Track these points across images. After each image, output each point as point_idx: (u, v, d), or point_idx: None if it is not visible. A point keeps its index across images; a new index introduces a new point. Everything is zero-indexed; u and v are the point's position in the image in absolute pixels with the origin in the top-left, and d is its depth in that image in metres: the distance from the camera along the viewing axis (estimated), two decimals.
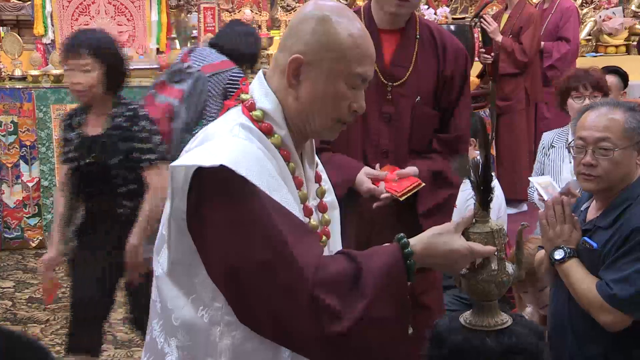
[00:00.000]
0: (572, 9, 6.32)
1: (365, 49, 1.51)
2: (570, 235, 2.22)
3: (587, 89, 3.53)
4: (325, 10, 1.49)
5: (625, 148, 2.16)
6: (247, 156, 1.39)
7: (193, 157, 1.41)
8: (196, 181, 1.38)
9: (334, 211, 1.72)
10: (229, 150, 1.39)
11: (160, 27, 5.89)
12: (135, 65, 5.38)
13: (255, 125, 1.48)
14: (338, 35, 1.47)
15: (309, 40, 1.47)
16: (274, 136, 1.49)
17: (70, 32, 5.61)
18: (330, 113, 1.51)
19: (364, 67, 1.50)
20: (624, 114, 2.18)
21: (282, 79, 1.50)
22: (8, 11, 6.56)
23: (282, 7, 7.66)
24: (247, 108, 1.51)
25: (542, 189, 3.42)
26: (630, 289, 2.06)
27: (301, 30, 1.49)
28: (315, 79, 1.48)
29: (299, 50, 1.47)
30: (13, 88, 5.31)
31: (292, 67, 1.47)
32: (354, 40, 1.48)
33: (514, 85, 5.99)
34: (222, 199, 1.38)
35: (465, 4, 8.10)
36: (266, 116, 1.49)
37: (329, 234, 1.63)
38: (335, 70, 1.48)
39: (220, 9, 7.00)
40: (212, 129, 1.51)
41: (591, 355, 2.17)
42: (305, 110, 1.50)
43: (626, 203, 2.16)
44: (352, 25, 1.50)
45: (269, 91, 1.51)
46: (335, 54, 1.47)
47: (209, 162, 1.35)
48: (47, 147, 5.26)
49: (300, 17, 1.52)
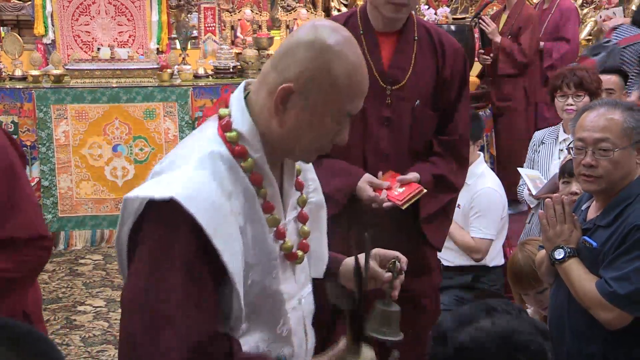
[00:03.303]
0: (572, 9, 6.32)
1: (359, 86, 1.47)
2: (571, 235, 2.23)
3: (570, 88, 3.54)
4: (325, 39, 1.44)
5: (625, 148, 2.16)
6: (202, 194, 1.36)
7: (149, 188, 1.39)
8: (146, 210, 1.37)
9: (320, 212, 1.70)
10: (185, 185, 1.36)
11: (161, 27, 5.89)
12: (135, 65, 5.39)
13: (228, 147, 1.45)
14: (333, 71, 1.42)
15: (303, 69, 1.42)
16: (246, 160, 1.45)
17: (71, 32, 5.64)
18: (312, 143, 1.49)
19: (355, 103, 1.47)
20: (622, 113, 2.18)
21: (268, 100, 1.46)
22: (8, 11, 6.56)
23: (282, 7, 7.66)
24: (223, 128, 1.47)
25: (530, 181, 3.44)
26: (630, 287, 2.06)
27: (297, 55, 1.43)
28: (302, 109, 1.44)
29: (291, 77, 1.43)
30: (13, 88, 5.31)
31: (281, 95, 1.43)
32: (348, 76, 1.44)
33: (513, 86, 5.99)
34: (159, 229, 1.36)
35: (466, 4, 8.10)
36: (241, 138, 1.46)
37: (306, 247, 1.61)
38: (324, 105, 1.44)
39: (221, 9, 7.00)
40: (184, 151, 1.47)
41: (590, 354, 2.18)
42: (287, 137, 1.46)
43: (626, 202, 2.17)
44: (349, 59, 1.44)
45: (246, 111, 1.48)
46: (328, 89, 1.43)
47: (161, 194, 1.33)
48: (47, 147, 5.26)
49: (298, 40, 1.46)
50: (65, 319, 4.12)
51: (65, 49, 5.69)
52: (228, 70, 5.67)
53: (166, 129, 5.39)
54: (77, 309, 4.27)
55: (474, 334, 1.42)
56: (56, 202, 5.31)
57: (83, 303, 4.34)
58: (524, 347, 1.39)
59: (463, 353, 1.41)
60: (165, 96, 5.38)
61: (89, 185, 5.36)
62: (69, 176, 5.31)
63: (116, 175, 5.39)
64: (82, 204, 5.37)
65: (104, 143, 5.35)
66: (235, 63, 5.75)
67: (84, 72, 5.33)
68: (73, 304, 4.34)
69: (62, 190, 5.32)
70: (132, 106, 5.34)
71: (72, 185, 5.33)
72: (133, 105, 5.34)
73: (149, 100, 5.36)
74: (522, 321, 1.46)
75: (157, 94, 5.38)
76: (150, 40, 5.82)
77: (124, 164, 5.39)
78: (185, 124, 5.39)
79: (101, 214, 5.37)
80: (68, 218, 5.34)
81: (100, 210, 5.38)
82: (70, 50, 5.68)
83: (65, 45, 5.70)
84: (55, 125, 5.25)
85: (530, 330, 1.43)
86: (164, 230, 1.35)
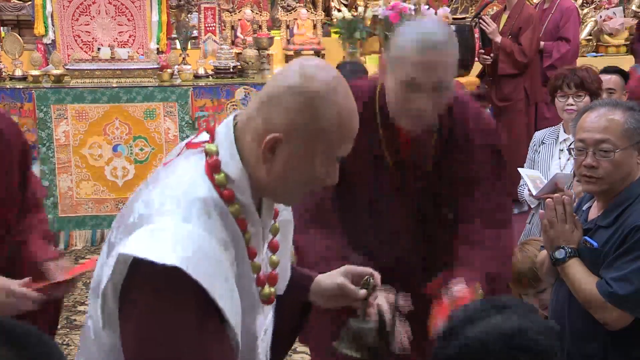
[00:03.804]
0: (572, 8, 6.32)
1: (349, 129, 1.42)
2: (572, 235, 2.22)
3: (571, 88, 3.53)
4: (312, 85, 1.38)
5: (626, 148, 2.15)
6: (205, 256, 1.30)
7: (144, 243, 1.29)
8: (142, 268, 1.28)
9: (287, 226, 1.66)
10: (185, 247, 1.28)
11: (161, 27, 5.89)
12: (135, 65, 5.39)
13: (217, 191, 1.39)
14: (322, 118, 1.37)
15: (293, 119, 1.37)
16: (233, 205, 1.40)
17: (71, 32, 5.64)
18: (301, 188, 1.46)
19: (345, 146, 1.43)
20: (623, 114, 2.17)
21: (255, 147, 1.40)
22: (9, 11, 6.57)
23: (282, 7, 7.66)
24: (211, 167, 1.41)
25: (530, 181, 3.44)
26: (630, 287, 2.06)
27: (283, 103, 1.37)
28: (291, 156, 1.39)
29: (279, 127, 1.37)
30: (13, 88, 5.31)
31: (270, 145, 1.38)
32: (338, 122, 1.39)
33: (513, 86, 5.99)
34: (162, 298, 1.29)
35: (466, 4, 8.10)
36: (230, 182, 1.40)
37: (275, 279, 1.56)
38: (314, 151, 1.40)
39: (221, 9, 7.01)
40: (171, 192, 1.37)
41: (590, 354, 2.18)
42: (275, 183, 1.42)
43: (627, 202, 2.16)
44: (339, 104, 1.39)
45: (235, 153, 1.42)
46: (317, 136, 1.39)
47: (163, 259, 1.25)
48: (47, 147, 5.26)
49: (284, 86, 1.39)
50: (65, 318, 4.12)
51: (65, 49, 5.69)
52: (228, 70, 5.66)
53: (166, 129, 5.39)
54: (77, 309, 4.27)
55: (481, 331, 1.39)
56: (56, 202, 5.31)
57: (83, 303, 4.33)
58: (527, 347, 1.38)
59: (467, 349, 1.40)
60: (166, 96, 5.38)
61: (89, 185, 5.36)
62: (69, 176, 5.31)
63: (116, 175, 5.39)
64: (82, 204, 5.37)
65: (104, 143, 5.35)
66: (236, 63, 5.75)
67: (84, 72, 5.33)
68: (73, 304, 4.34)
69: (62, 190, 5.32)
70: (132, 106, 5.34)
71: (72, 185, 5.33)
72: (133, 105, 5.34)
73: (149, 100, 5.36)
74: (532, 320, 1.42)
75: (157, 94, 5.37)
76: (151, 40, 5.81)
77: (124, 164, 5.39)
78: (185, 124, 5.39)
79: (101, 214, 5.37)
80: (68, 218, 5.34)
81: (101, 211, 5.38)
82: (70, 50, 5.68)
83: (65, 45, 5.70)
84: (56, 125, 5.25)
85: (539, 330, 1.40)
86: (171, 296, 1.29)
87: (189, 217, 1.33)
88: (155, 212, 1.34)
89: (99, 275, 1.42)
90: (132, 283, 1.31)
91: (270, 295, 1.53)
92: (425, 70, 1.98)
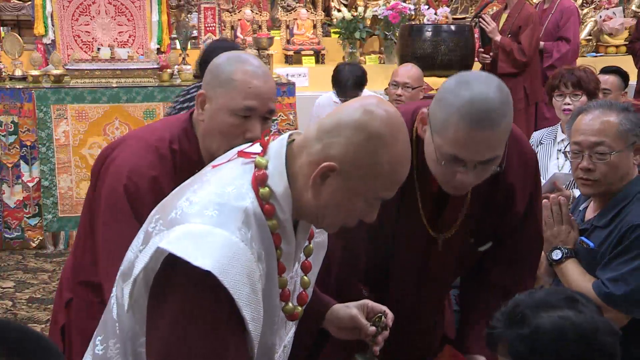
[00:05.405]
0: (572, 8, 6.32)
1: (400, 175, 1.45)
2: (568, 236, 2.23)
3: (568, 87, 3.52)
4: (376, 125, 1.40)
5: (621, 150, 2.15)
6: (238, 265, 1.34)
7: (183, 243, 1.34)
8: (177, 267, 1.33)
9: (320, 251, 1.68)
10: (221, 255, 1.32)
11: (161, 27, 5.89)
12: (135, 65, 5.40)
13: (259, 204, 1.42)
14: (379, 159, 1.40)
15: (351, 152, 1.39)
16: (272, 220, 1.43)
17: (71, 32, 5.64)
18: (340, 220, 1.48)
19: (390, 192, 1.46)
20: (618, 115, 2.17)
21: (306, 170, 1.43)
22: (8, 11, 6.58)
23: (282, 7, 7.67)
24: (257, 179, 1.44)
25: None
26: (626, 288, 2.07)
27: (347, 135, 1.40)
28: (338, 188, 1.42)
29: (336, 156, 1.40)
30: (13, 88, 5.31)
31: (323, 171, 1.40)
32: (392, 167, 1.41)
33: (513, 85, 5.97)
34: (192, 299, 1.34)
35: (466, 4, 8.10)
36: (273, 197, 1.43)
37: (305, 299, 1.59)
38: (360, 190, 1.43)
39: (221, 9, 7.02)
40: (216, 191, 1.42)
41: None
42: (317, 209, 1.45)
43: (623, 202, 2.17)
44: (397, 149, 1.41)
45: (284, 171, 1.45)
46: (369, 176, 1.41)
47: (198, 262, 1.30)
48: (47, 147, 5.26)
49: (348, 119, 1.41)
50: None
51: (65, 49, 5.70)
52: None
53: None
54: None
55: (556, 321, 1.35)
56: (56, 202, 5.32)
57: None
58: (602, 346, 1.36)
59: (540, 336, 1.35)
60: (166, 96, 5.38)
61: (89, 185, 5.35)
62: (69, 176, 5.32)
63: None
64: (82, 204, 5.36)
65: (104, 143, 5.34)
66: None
67: (84, 72, 5.33)
68: None
69: (62, 190, 5.33)
70: (132, 106, 5.34)
71: (72, 185, 5.33)
72: (133, 105, 5.34)
73: (149, 100, 5.36)
74: (603, 320, 1.41)
75: (157, 94, 5.38)
76: (151, 41, 5.82)
77: None
78: None
79: None
80: (68, 218, 5.34)
81: None
82: (70, 50, 5.69)
83: (65, 45, 5.71)
84: (55, 125, 5.25)
85: (612, 331, 1.39)
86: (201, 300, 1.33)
87: (230, 225, 1.37)
88: (197, 213, 1.38)
89: (131, 261, 1.46)
90: (164, 277, 1.36)
91: (294, 312, 1.55)
92: (471, 150, 1.69)
